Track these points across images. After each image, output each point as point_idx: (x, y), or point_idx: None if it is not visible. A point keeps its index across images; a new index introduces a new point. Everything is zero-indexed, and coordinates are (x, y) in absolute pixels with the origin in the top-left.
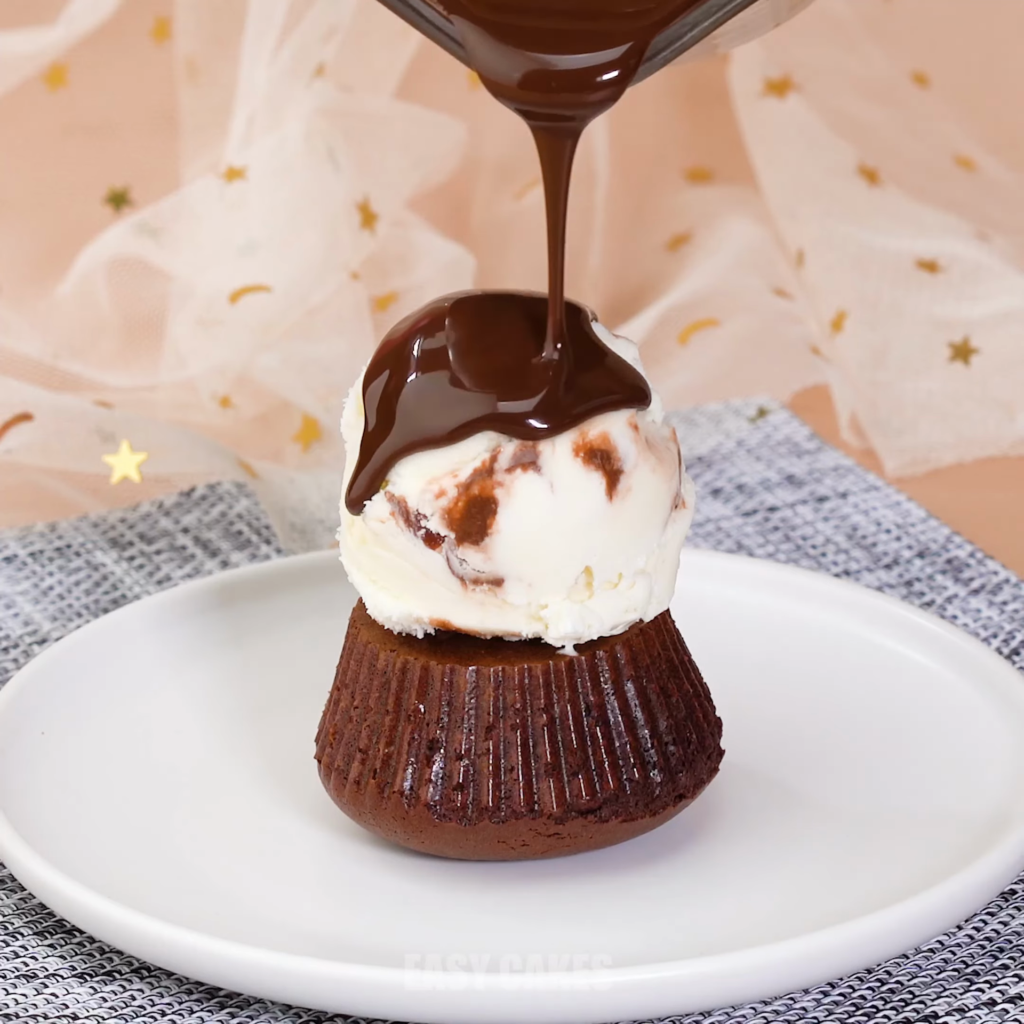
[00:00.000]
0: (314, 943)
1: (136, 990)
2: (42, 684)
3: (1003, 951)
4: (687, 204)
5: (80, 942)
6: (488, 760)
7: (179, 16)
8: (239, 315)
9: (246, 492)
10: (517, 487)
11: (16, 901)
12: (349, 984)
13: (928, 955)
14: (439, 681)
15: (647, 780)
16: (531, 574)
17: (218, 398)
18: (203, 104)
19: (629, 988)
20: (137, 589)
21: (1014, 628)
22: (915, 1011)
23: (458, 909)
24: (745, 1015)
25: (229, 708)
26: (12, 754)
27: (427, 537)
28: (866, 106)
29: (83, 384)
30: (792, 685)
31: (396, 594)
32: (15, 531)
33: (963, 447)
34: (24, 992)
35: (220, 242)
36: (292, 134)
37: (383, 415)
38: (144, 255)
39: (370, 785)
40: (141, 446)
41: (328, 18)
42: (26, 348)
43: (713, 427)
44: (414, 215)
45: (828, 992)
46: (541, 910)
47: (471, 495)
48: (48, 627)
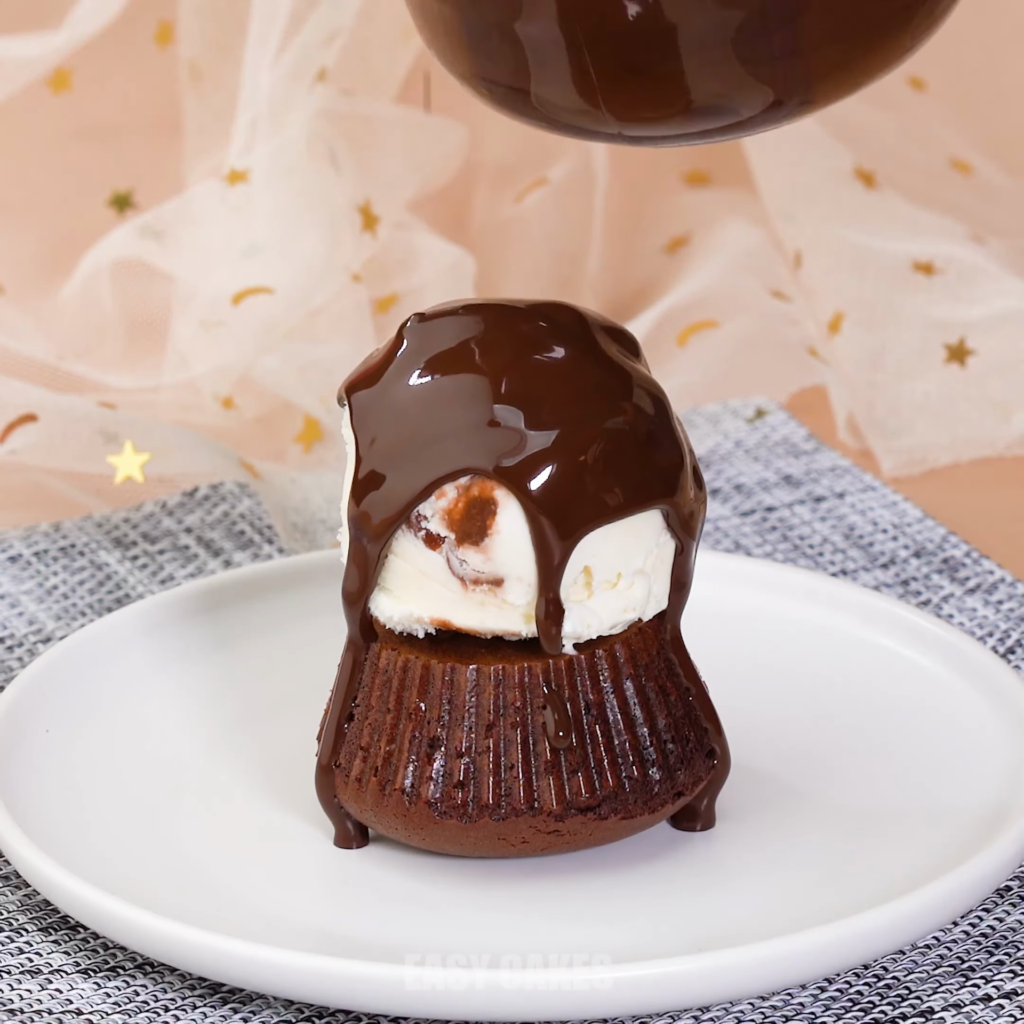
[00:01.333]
0: (315, 939)
1: (140, 986)
2: (46, 683)
3: (998, 947)
4: (686, 207)
5: (84, 938)
6: (488, 758)
7: (182, 21)
8: (241, 317)
9: (248, 492)
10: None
11: (21, 897)
12: (350, 980)
13: (924, 951)
14: (440, 679)
15: (646, 778)
16: (531, 574)
17: (221, 399)
18: (206, 108)
19: (628, 984)
20: (140, 588)
21: (1009, 627)
22: (911, 1006)
23: (458, 905)
24: (743, 1010)
25: (231, 706)
26: (17, 752)
27: (427, 538)
28: (863, 110)
29: (87, 385)
30: (789, 683)
31: (397, 595)
32: (20, 531)
33: (959, 448)
34: (28, 988)
35: (223, 244)
36: (294, 137)
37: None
38: (147, 257)
39: (371, 783)
40: (144, 447)
41: (330, 23)
42: (31, 350)
43: (711, 428)
44: (415, 218)
45: (825, 987)
46: (541, 906)
47: (471, 496)
48: (52, 626)
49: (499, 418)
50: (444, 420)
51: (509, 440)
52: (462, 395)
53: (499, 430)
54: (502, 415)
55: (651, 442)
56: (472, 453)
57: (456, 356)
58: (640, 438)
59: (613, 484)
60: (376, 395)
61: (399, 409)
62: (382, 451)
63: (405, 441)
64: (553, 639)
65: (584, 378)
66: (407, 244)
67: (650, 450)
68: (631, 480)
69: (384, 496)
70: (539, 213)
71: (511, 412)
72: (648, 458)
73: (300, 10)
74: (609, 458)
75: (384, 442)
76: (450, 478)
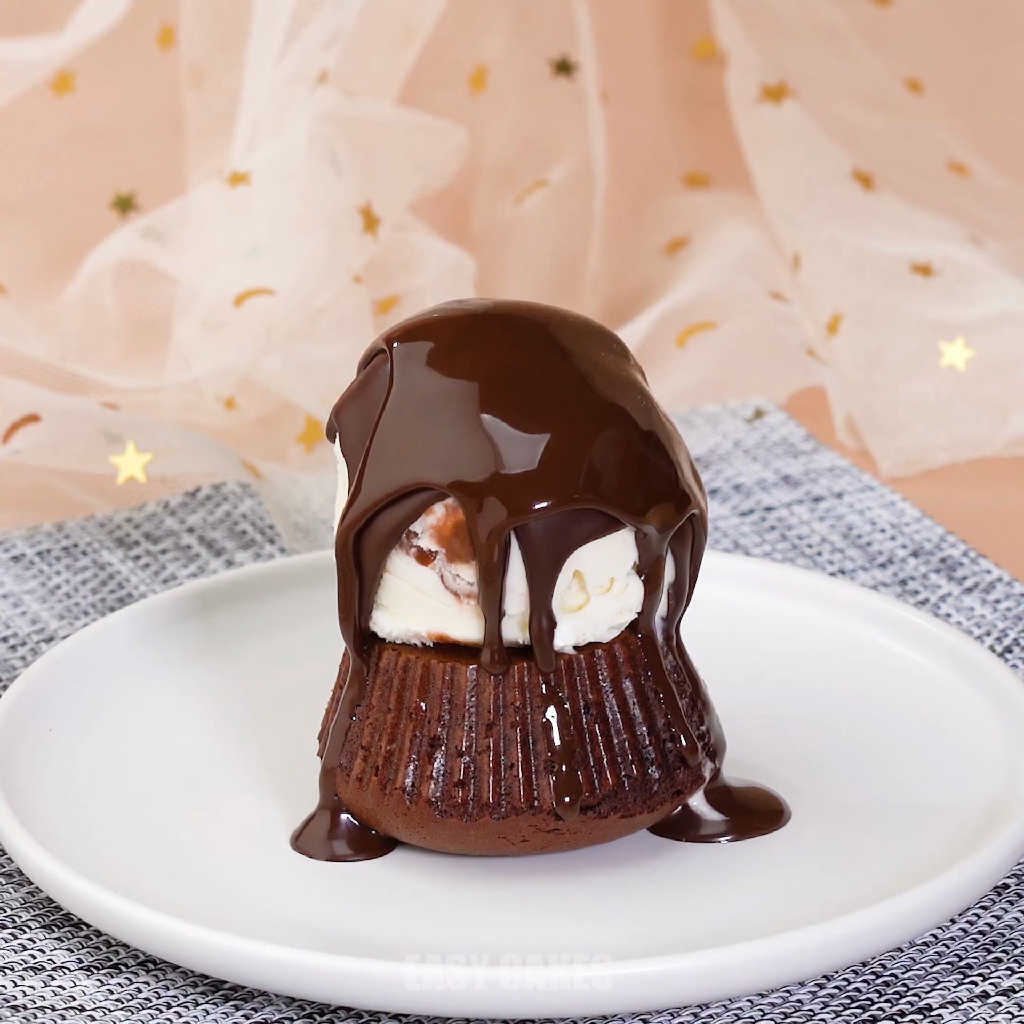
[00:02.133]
0: (316, 937)
1: (142, 982)
2: (49, 681)
3: (996, 945)
4: (684, 208)
5: (87, 935)
6: (488, 757)
7: (184, 24)
8: (243, 318)
9: (250, 492)
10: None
11: (24, 895)
12: (351, 977)
13: (922, 949)
14: (440, 679)
15: (645, 776)
16: (522, 584)
17: (222, 400)
18: (208, 110)
19: (627, 981)
20: (143, 588)
21: (1007, 626)
22: (909, 1004)
23: (458, 903)
24: (742, 1007)
25: (233, 705)
26: (20, 750)
27: (419, 555)
28: (861, 112)
29: (90, 386)
30: (787, 682)
31: (394, 612)
32: (23, 531)
33: (956, 448)
34: (32, 984)
35: (224, 246)
36: (295, 139)
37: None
38: (150, 259)
39: (372, 782)
40: (147, 447)
41: (331, 26)
42: (34, 350)
43: (710, 428)
44: (415, 219)
45: (824, 985)
46: (540, 904)
47: (459, 517)
48: (55, 625)
49: (485, 431)
50: (428, 435)
51: (489, 456)
52: (449, 409)
53: (483, 444)
54: (487, 427)
55: (639, 453)
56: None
57: (436, 372)
58: (630, 450)
59: (603, 499)
60: (362, 418)
61: (385, 428)
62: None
63: (389, 459)
64: (547, 655)
65: (570, 388)
66: (408, 245)
67: (639, 462)
68: (621, 493)
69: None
70: (539, 215)
71: (496, 425)
72: (638, 469)
73: (301, 13)
74: (597, 472)
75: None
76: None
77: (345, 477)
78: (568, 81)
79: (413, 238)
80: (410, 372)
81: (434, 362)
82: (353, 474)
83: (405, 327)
